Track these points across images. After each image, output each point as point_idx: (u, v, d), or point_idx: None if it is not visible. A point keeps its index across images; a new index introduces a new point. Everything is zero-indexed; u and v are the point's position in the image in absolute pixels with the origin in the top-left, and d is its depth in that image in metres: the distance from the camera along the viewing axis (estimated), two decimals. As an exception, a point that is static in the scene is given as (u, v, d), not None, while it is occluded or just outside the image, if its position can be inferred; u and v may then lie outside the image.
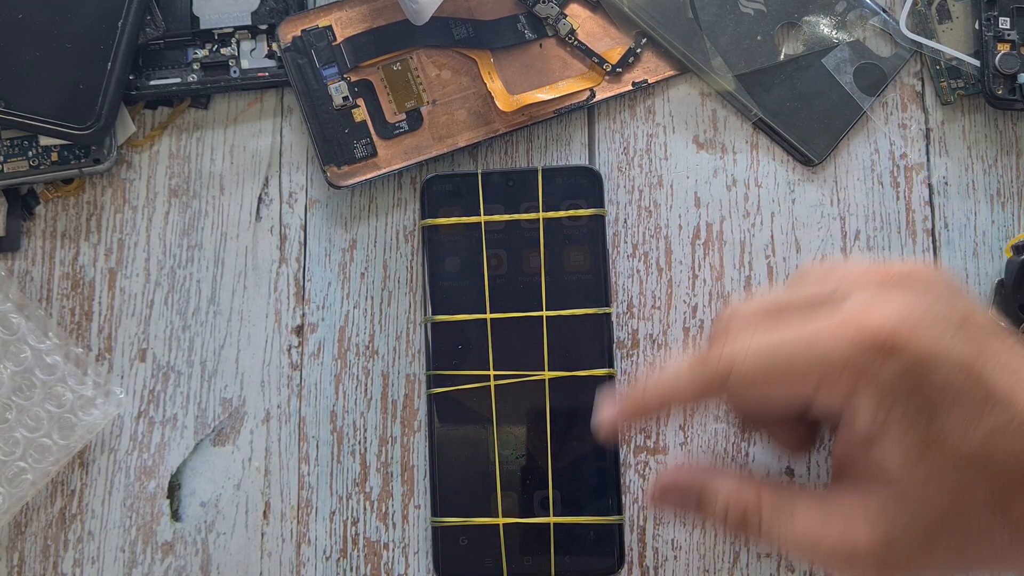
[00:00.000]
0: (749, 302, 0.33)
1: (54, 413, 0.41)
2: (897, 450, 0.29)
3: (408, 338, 0.43)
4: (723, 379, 0.31)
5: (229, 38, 0.45)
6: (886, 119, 0.44)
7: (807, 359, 0.29)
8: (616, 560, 0.40)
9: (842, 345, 0.29)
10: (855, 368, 0.29)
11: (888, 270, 0.31)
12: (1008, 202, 0.43)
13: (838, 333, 0.29)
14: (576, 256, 0.42)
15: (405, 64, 0.44)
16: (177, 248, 0.44)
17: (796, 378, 0.30)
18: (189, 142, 0.45)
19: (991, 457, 0.29)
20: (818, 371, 0.29)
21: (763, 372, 0.30)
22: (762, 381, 0.30)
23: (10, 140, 0.43)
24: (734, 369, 0.31)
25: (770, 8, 0.45)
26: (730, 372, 0.31)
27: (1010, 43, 0.43)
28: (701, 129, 0.44)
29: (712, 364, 0.31)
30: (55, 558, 0.41)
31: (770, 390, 0.30)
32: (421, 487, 0.42)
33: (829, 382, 0.29)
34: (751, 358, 0.30)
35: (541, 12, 0.44)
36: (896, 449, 0.29)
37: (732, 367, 0.31)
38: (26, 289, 0.43)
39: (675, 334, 0.43)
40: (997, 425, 0.29)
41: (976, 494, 0.29)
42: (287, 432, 0.42)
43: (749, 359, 0.30)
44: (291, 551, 0.41)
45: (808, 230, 0.43)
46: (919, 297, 0.30)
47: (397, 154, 0.43)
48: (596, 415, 0.34)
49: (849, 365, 0.29)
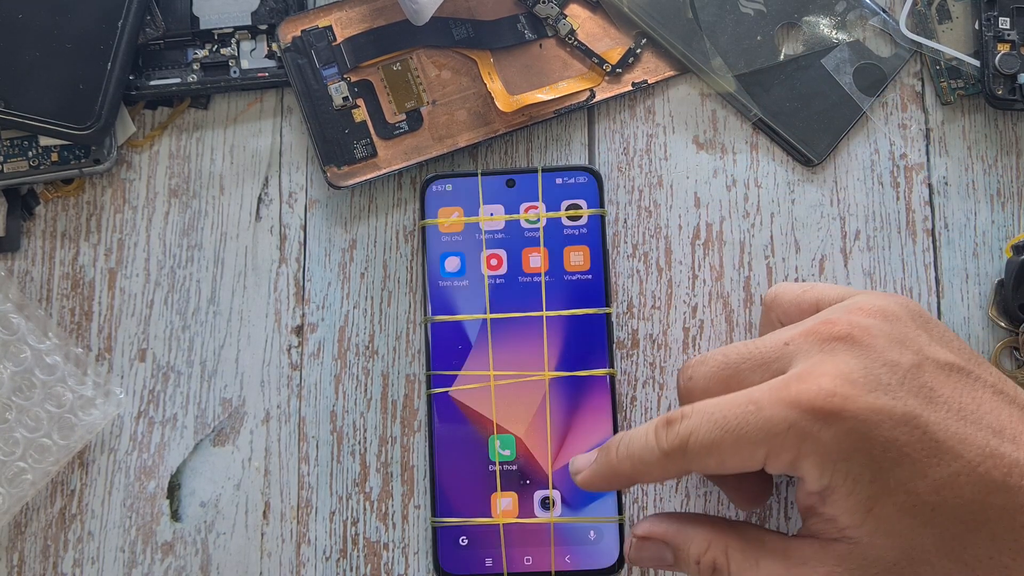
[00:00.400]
0: (708, 355, 0.35)
1: (54, 413, 0.41)
2: (845, 507, 0.30)
3: (408, 338, 0.43)
4: (681, 452, 0.32)
5: (229, 38, 0.45)
6: (886, 119, 0.44)
7: (754, 425, 0.31)
8: (616, 560, 0.40)
9: (784, 411, 0.30)
10: (798, 432, 0.30)
11: (830, 331, 0.32)
12: (1008, 202, 0.43)
13: (781, 397, 0.31)
14: (576, 256, 0.42)
15: (405, 64, 0.44)
16: (177, 248, 0.44)
17: (746, 447, 0.31)
18: (189, 142, 0.45)
19: (940, 507, 0.30)
20: (765, 438, 0.31)
21: (715, 443, 0.32)
22: (716, 452, 0.32)
23: (10, 140, 0.43)
24: (689, 444, 0.32)
25: (770, 8, 0.45)
26: (686, 447, 0.32)
27: (1010, 43, 0.43)
28: (701, 129, 0.44)
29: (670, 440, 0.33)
30: (55, 558, 0.41)
31: (723, 459, 0.32)
32: (421, 487, 0.42)
33: (776, 449, 0.31)
34: (703, 432, 0.32)
35: (541, 12, 0.44)
36: (844, 506, 0.30)
37: (688, 442, 0.32)
38: (26, 289, 0.43)
39: (675, 334, 0.43)
40: (944, 477, 0.30)
41: (926, 542, 0.30)
42: (287, 432, 0.42)
43: (702, 433, 0.32)
44: (291, 551, 0.41)
45: (808, 230, 0.43)
46: (857, 360, 0.31)
47: (397, 154, 0.43)
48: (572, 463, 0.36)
49: (792, 429, 0.30)
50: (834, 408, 0.30)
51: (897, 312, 0.33)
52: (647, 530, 0.35)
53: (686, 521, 0.35)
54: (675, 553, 0.34)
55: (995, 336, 0.42)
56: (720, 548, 0.33)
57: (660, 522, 0.35)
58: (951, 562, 0.30)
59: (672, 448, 0.33)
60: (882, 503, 0.30)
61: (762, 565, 0.32)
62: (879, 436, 0.30)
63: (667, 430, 0.33)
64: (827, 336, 0.32)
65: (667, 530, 0.35)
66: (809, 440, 0.30)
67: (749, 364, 0.34)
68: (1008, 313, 0.42)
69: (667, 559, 0.35)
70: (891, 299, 0.33)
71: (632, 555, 0.36)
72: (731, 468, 0.32)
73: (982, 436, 0.30)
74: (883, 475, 0.30)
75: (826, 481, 0.30)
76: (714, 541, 0.33)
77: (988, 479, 0.29)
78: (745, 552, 0.33)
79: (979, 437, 0.30)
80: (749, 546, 0.33)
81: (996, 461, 0.30)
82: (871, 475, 0.30)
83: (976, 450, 0.30)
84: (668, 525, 0.35)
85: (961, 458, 0.30)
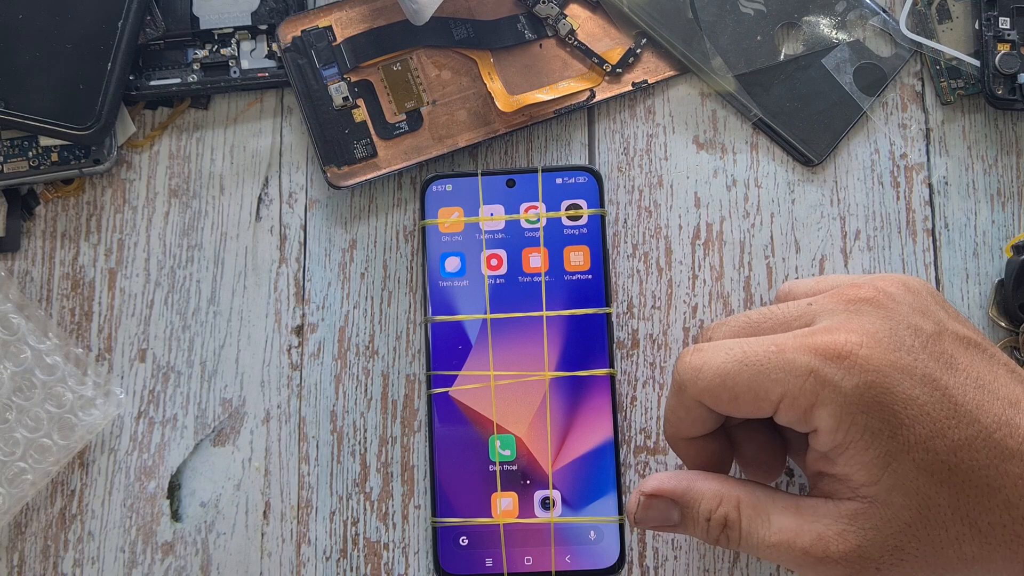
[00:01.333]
0: (729, 318, 0.35)
1: (54, 413, 0.41)
2: (861, 462, 0.30)
3: (408, 338, 0.43)
4: (694, 380, 0.32)
5: (229, 38, 0.45)
6: (886, 119, 0.44)
7: (775, 364, 0.31)
8: (616, 560, 0.40)
9: (807, 356, 0.31)
10: (819, 378, 0.30)
11: (856, 293, 0.33)
12: (1008, 202, 0.43)
13: (806, 344, 0.31)
14: (576, 256, 0.42)
15: (405, 64, 0.44)
16: (177, 248, 0.44)
17: (762, 385, 0.31)
18: (189, 142, 0.45)
19: (957, 468, 0.30)
20: (784, 379, 0.31)
21: (731, 375, 0.32)
22: (730, 385, 0.32)
23: (10, 140, 0.43)
24: (703, 371, 0.32)
25: (770, 8, 0.45)
26: (699, 374, 0.32)
27: (1010, 43, 0.43)
28: (701, 129, 0.44)
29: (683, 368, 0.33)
30: (55, 558, 0.41)
31: (736, 395, 0.32)
32: (421, 487, 0.42)
33: (793, 392, 0.31)
34: (719, 361, 0.32)
35: (541, 12, 0.44)
36: (860, 461, 0.30)
37: (701, 371, 0.32)
38: (26, 289, 0.43)
39: (675, 334, 0.43)
40: (962, 439, 0.30)
41: (942, 502, 0.30)
42: (287, 432, 0.42)
43: (718, 362, 0.32)
44: (291, 551, 0.41)
45: (808, 230, 0.43)
46: (882, 320, 0.31)
47: (397, 154, 0.43)
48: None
49: (814, 375, 0.30)
50: (859, 359, 0.30)
51: (918, 288, 0.33)
52: (656, 487, 0.34)
53: (696, 478, 0.34)
54: (683, 512, 0.34)
55: (995, 336, 0.42)
56: (732, 504, 0.33)
57: (670, 479, 0.34)
58: (965, 526, 0.30)
59: (685, 376, 0.33)
60: (900, 459, 0.30)
61: (774, 521, 0.32)
62: (901, 392, 0.30)
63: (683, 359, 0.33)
64: (853, 298, 0.32)
65: (677, 486, 0.34)
66: (829, 388, 0.30)
67: (771, 323, 0.34)
68: (1008, 313, 0.42)
69: (673, 519, 0.34)
70: (911, 278, 0.34)
71: (638, 515, 0.34)
72: (742, 408, 0.32)
73: (999, 405, 0.30)
74: (902, 431, 0.30)
75: (841, 435, 0.30)
76: (725, 497, 0.33)
77: (1003, 446, 0.30)
78: (757, 508, 0.32)
79: (996, 406, 0.30)
80: (760, 502, 0.32)
81: (1011, 430, 0.30)
82: (890, 430, 0.30)
83: (992, 417, 0.30)
84: (678, 482, 0.34)
85: (978, 422, 0.30)
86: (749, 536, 0.32)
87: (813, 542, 0.31)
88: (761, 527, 0.32)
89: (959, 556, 0.30)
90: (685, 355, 0.33)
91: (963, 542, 0.30)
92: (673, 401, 0.34)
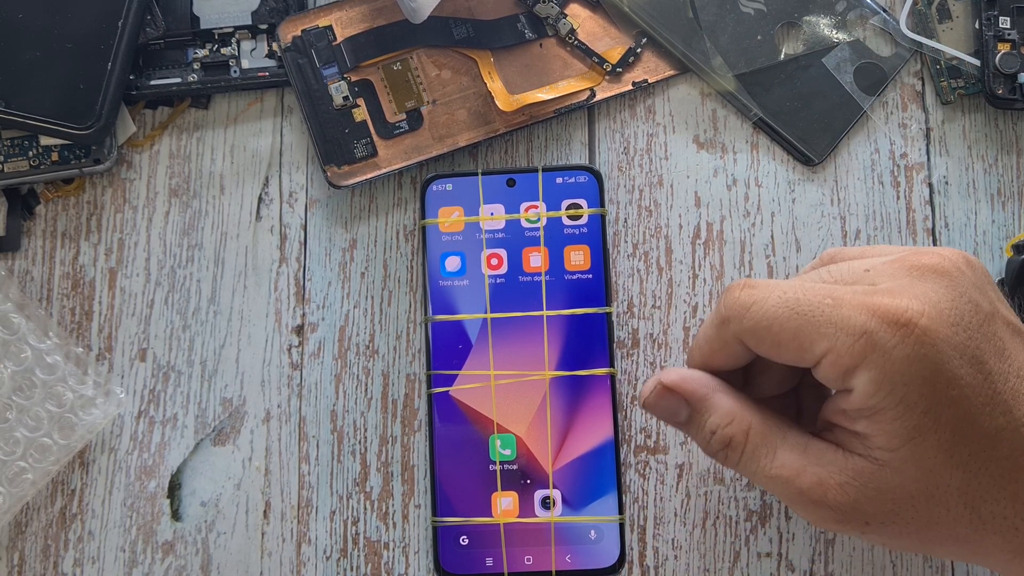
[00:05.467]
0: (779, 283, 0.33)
1: (54, 413, 0.41)
2: (887, 429, 0.30)
3: (408, 338, 0.43)
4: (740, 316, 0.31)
5: (229, 38, 0.45)
6: (886, 119, 0.44)
7: (827, 318, 0.30)
8: (616, 560, 0.40)
9: (863, 316, 0.29)
10: (871, 341, 0.29)
11: (920, 260, 0.31)
12: (1008, 202, 0.43)
13: (865, 303, 0.30)
14: (576, 255, 0.42)
15: (405, 64, 0.44)
16: (177, 248, 0.44)
17: (808, 335, 0.30)
18: (189, 142, 0.45)
19: (977, 455, 0.29)
20: (833, 333, 0.29)
21: (778, 319, 0.30)
22: (775, 330, 0.31)
23: (10, 140, 0.43)
24: (751, 311, 0.31)
25: (770, 8, 0.45)
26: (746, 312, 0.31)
27: (1010, 43, 0.43)
28: (701, 129, 0.44)
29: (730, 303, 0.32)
30: (55, 558, 0.41)
31: (779, 341, 0.31)
32: (421, 487, 0.42)
33: (839, 350, 0.29)
34: (769, 304, 0.31)
35: (541, 12, 0.44)
36: (885, 429, 0.30)
37: (749, 309, 0.31)
38: (26, 289, 0.43)
39: (675, 334, 0.43)
40: (992, 428, 0.29)
41: (951, 484, 0.29)
42: (287, 432, 0.42)
43: (768, 305, 0.31)
44: (291, 551, 0.41)
45: (808, 230, 0.43)
46: (946, 291, 0.30)
47: (397, 154, 0.43)
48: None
49: (866, 336, 0.29)
50: (917, 329, 0.29)
51: (977, 265, 0.32)
52: (676, 381, 0.33)
53: (717, 389, 0.33)
54: (691, 415, 0.33)
55: (995, 335, 0.42)
56: (741, 427, 0.32)
57: (693, 380, 0.33)
58: (967, 510, 0.30)
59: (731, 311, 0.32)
60: (925, 435, 0.29)
61: (779, 454, 0.31)
62: (948, 371, 0.29)
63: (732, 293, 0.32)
64: (916, 265, 0.31)
65: (696, 391, 0.33)
66: (879, 352, 0.29)
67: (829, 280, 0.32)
68: (1008, 312, 0.42)
69: (680, 416, 0.33)
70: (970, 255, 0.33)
71: (649, 400, 0.34)
72: (783, 356, 0.31)
73: None
74: (937, 408, 0.29)
75: (876, 400, 0.29)
76: (738, 418, 0.32)
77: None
78: (765, 437, 0.32)
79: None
80: (771, 434, 0.32)
81: None
82: (925, 406, 0.29)
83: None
84: (699, 386, 0.33)
85: (1009, 413, 0.29)
86: (749, 462, 0.32)
87: (812, 485, 0.30)
88: (764, 457, 0.32)
89: (951, 535, 0.30)
90: (735, 289, 0.32)
91: (959, 523, 0.30)
92: (711, 332, 0.33)
